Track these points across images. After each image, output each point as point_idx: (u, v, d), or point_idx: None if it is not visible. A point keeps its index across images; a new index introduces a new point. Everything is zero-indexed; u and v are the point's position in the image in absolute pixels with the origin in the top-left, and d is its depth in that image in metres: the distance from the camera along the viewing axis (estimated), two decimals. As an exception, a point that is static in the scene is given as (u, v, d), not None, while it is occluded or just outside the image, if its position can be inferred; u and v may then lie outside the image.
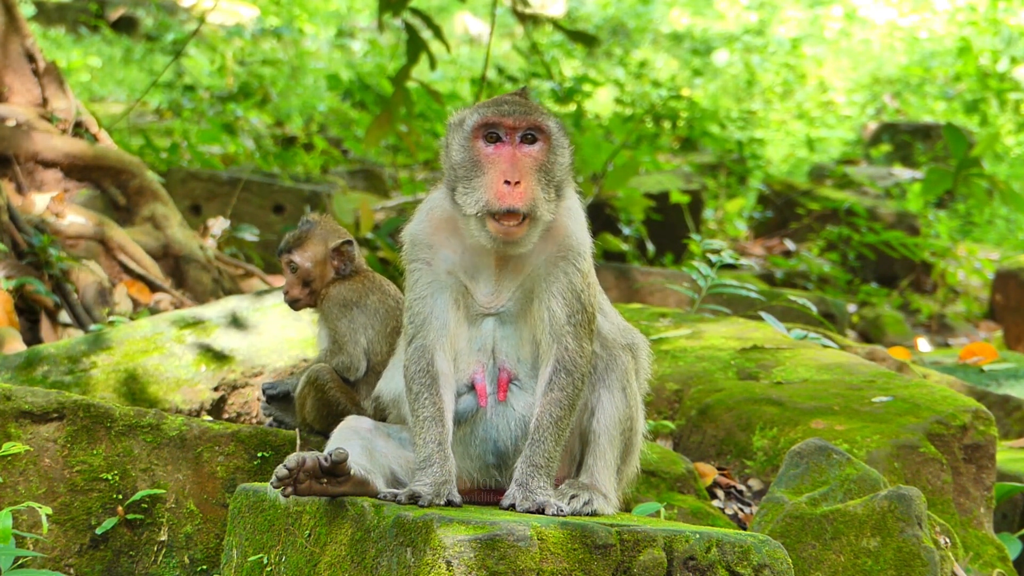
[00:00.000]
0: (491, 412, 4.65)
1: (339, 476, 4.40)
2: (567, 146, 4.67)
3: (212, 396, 6.50)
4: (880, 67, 26.55)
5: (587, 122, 19.71)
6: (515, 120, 4.57)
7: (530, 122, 4.58)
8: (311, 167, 15.54)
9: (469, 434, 4.65)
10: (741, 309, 9.03)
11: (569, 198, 4.73)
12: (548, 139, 4.59)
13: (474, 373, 4.65)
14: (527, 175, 4.53)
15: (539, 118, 4.59)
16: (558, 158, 4.62)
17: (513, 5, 12.56)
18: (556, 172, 4.61)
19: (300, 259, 5.40)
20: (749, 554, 4.28)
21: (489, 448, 4.66)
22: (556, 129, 4.62)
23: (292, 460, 4.33)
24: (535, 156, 4.57)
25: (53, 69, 9.71)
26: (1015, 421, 7.89)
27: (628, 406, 4.78)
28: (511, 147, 4.56)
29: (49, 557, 5.11)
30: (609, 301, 5.00)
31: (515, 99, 4.66)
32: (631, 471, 4.88)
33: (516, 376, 4.66)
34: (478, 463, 4.68)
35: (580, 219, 4.73)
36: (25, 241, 8.70)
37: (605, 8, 28.51)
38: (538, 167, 4.56)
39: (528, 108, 4.61)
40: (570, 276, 4.63)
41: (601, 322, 4.79)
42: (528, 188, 4.52)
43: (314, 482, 4.38)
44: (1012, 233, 19.88)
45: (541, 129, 4.58)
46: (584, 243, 4.69)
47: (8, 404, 5.21)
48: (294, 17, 24.44)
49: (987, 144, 13.90)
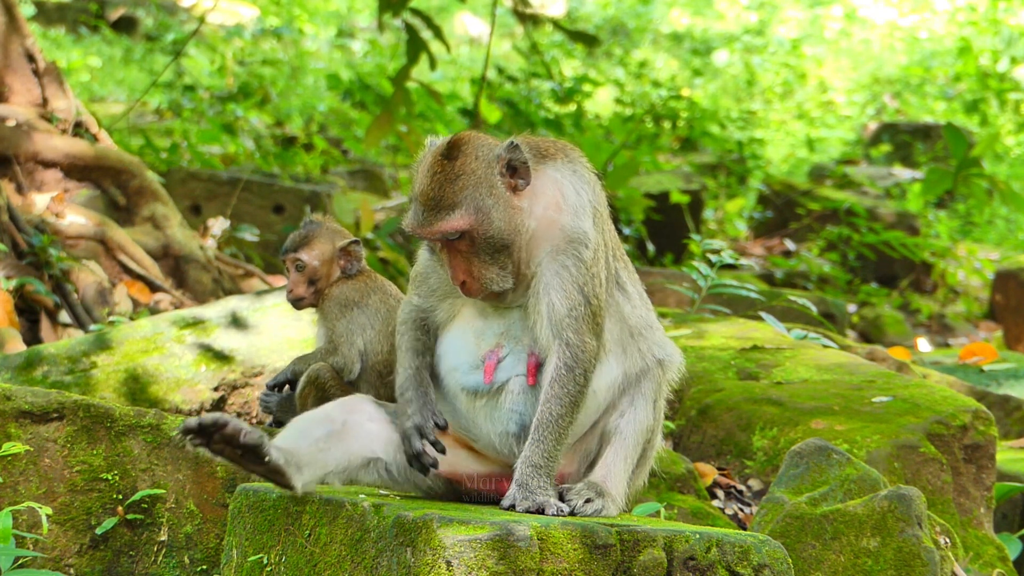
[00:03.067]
0: (518, 390, 4.60)
1: (256, 457, 4.40)
2: (493, 206, 4.49)
3: (212, 396, 6.50)
4: (880, 67, 26.55)
5: (587, 122, 19.73)
6: (424, 232, 4.50)
7: (435, 231, 4.49)
8: (311, 167, 15.54)
9: (493, 405, 4.62)
10: (741, 309, 9.03)
11: (561, 179, 4.62)
12: (465, 229, 4.48)
13: (489, 352, 4.63)
14: (468, 269, 4.50)
15: (442, 223, 4.46)
16: (487, 232, 4.48)
17: (513, 5, 12.56)
18: (495, 240, 4.49)
19: (308, 257, 5.41)
20: (749, 554, 4.28)
21: (514, 419, 4.60)
22: (467, 216, 4.48)
23: (210, 418, 4.32)
24: (465, 248, 4.50)
25: (53, 69, 9.71)
26: (1015, 421, 7.89)
27: (654, 419, 4.76)
28: (444, 247, 4.52)
29: (49, 557, 5.10)
30: (643, 290, 4.89)
31: (430, 187, 4.49)
32: (640, 482, 4.83)
33: (544, 361, 4.59)
34: (499, 428, 4.62)
35: (581, 205, 4.62)
36: (25, 241, 8.70)
37: (605, 8, 28.52)
38: (474, 252, 4.50)
39: (435, 206, 4.46)
40: (570, 268, 4.55)
41: (629, 312, 4.74)
42: (474, 281, 4.51)
43: (228, 448, 4.37)
44: (1012, 233, 19.89)
45: (449, 232, 4.48)
46: (584, 231, 4.59)
47: (8, 404, 5.21)
48: (294, 17, 24.44)
49: (987, 144, 13.91)
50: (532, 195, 4.59)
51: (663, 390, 4.80)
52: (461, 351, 4.68)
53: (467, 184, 4.49)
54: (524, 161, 4.55)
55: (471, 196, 4.48)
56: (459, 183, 4.49)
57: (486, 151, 4.55)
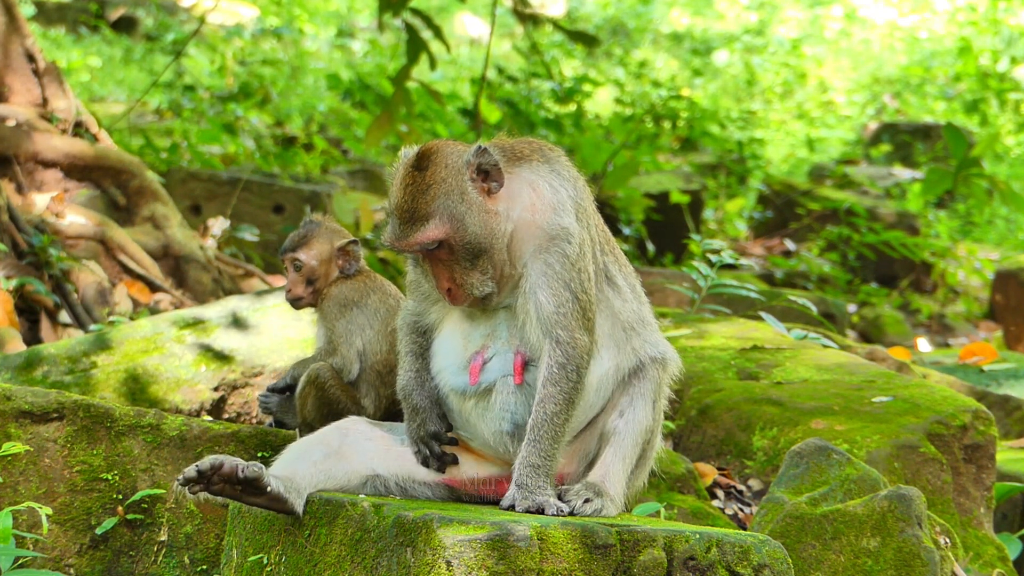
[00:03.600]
0: (508, 390, 4.62)
1: (257, 490, 4.42)
2: (466, 212, 4.50)
3: (212, 396, 6.50)
4: (880, 67, 26.55)
5: (587, 122, 19.72)
6: (402, 246, 4.53)
7: (412, 244, 4.51)
8: (311, 167, 15.53)
9: (484, 406, 4.64)
10: (741, 309, 9.03)
11: (536, 180, 4.61)
12: (441, 239, 4.50)
13: (475, 354, 4.64)
14: (451, 277, 4.54)
15: (418, 235, 4.48)
16: (464, 239, 4.49)
17: (513, 5, 12.56)
18: (472, 246, 4.50)
19: (306, 257, 5.41)
20: (749, 554, 4.28)
21: (507, 417, 4.62)
22: (440, 225, 4.49)
23: (207, 463, 4.36)
24: (445, 257, 4.53)
25: (53, 69, 9.71)
26: (1015, 421, 7.89)
27: (653, 419, 4.76)
28: (425, 257, 4.56)
29: (49, 557, 5.10)
30: (637, 285, 4.88)
31: (404, 200, 4.50)
32: (639, 483, 4.83)
33: (532, 359, 4.61)
34: (493, 426, 4.64)
35: (559, 201, 4.60)
36: (25, 241, 8.70)
37: (605, 8, 28.51)
38: (455, 260, 4.52)
39: (410, 219, 4.48)
40: (554, 265, 4.54)
41: (620, 307, 4.74)
42: (459, 289, 4.54)
43: (228, 486, 4.40)
44: (1012, 233, 19.89)
45: (426, 243, 4.50)
46: (564, 227, 4.57)
47: (8, 404, 5.21)
48: (294, 17, 24.43)
49: (987, 144, 13.91)
50: (508, 198, 4.59)
51: (663, 390, 4.80)
52: (449, 353, 4.70)
53: (438, 193, 4.51)
54: (495, 164, 4.56)
55: (443, 205, 4.50)
56: (430, 193, 4.51)
57: (455, 158, 4.56)
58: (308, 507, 4.50)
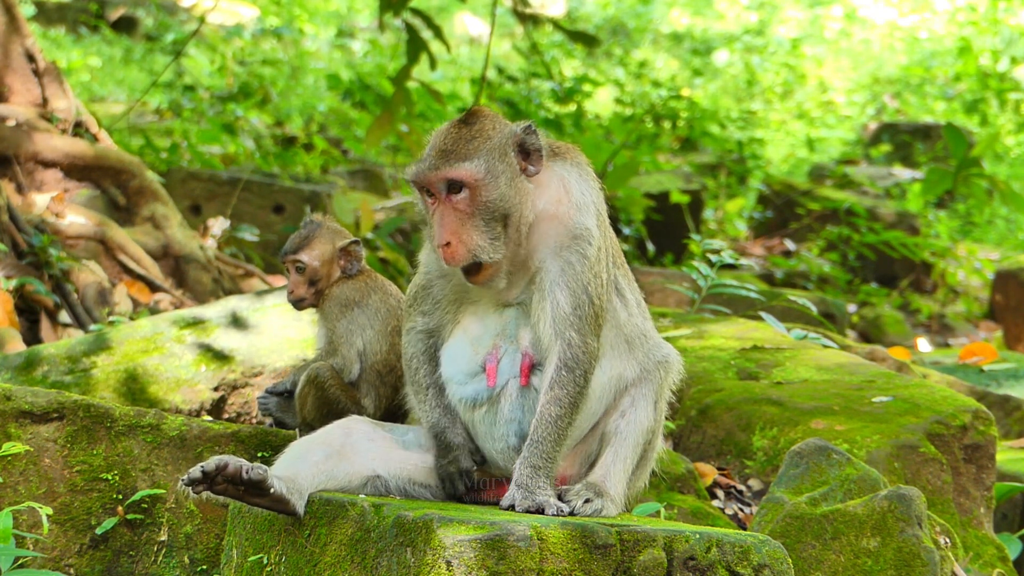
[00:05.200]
0: (515, 394, 4.60)
1: (260, 491, 4.42)
2: (503, 172, 4.51)
3: (212, 396, 6.50)
4: (880, 67, 26.55)
5: (587, 122, 19.71)
6: (431, 176, 4.49)
7: (441, 176, 4.48)
8: (311, 167, 15.54)
9: (493, 414, 4.62)
10: (741, 309, 9.03)
11: (568, 177, 4.63)
12: (471, 183, 4.48)
13: (488, 355, 4.63)
14: (457, 231, 4.47)
15: (450, 169, 4.47)
16: (490, 195, 4.48)
17: (513, 5, 12.56)
18: (496, 207, 4.49)
19: (308, 258, 5.41)
20: (749, 554, 4.28)
21: (513, 429, 4.61)
22: (476, 169, 4.49)
23: (212, 464, 4.35)
24: (462, 208, 4.49)
25: (53, 69, 9.71)
26: (1015, 421, 7.89)
27: (654, 420, 4.76)
28: (441, 203, 4.51)
29: (49, 557, 5.11)
30: (643, 302, 4.88)
31: (444, 142, 4.52)
32: (640, 484, 4.83)
33: (539, 362, 4.60)
34: (500, 443, 4.63)
35: (585, 203, 4.62)
36: (25, 241, 8.70)
37: (605, 8, 28.52)
38: (470, 214, 4.48)
39: (447, 155, 4.48)
40: (574, 264, 4.54)
41: (625, 319, 4.73)
42: (460, 244, 4.47)
43: (231, 487, 4.40)
44: (1012, 233, 19.89)
45: (456, 180, 4.48)
46: (588, 228, 4.58)
47: (8, 404, 5.21)
48: (294, 17, 24.43)
49: (987, 144, 13.91)
50: (539, 185, 4.60)
51: (664, 392, 4.80)
52: (458, 360, 4.68)
53: (483, 145, 4.53)
54: (539, 147, 4.59)
55: (486, 155, 4.51)
56: (475, 142, 4.53)
57: (503, 125, 4.62)
58: (308, 507, 4.50)
